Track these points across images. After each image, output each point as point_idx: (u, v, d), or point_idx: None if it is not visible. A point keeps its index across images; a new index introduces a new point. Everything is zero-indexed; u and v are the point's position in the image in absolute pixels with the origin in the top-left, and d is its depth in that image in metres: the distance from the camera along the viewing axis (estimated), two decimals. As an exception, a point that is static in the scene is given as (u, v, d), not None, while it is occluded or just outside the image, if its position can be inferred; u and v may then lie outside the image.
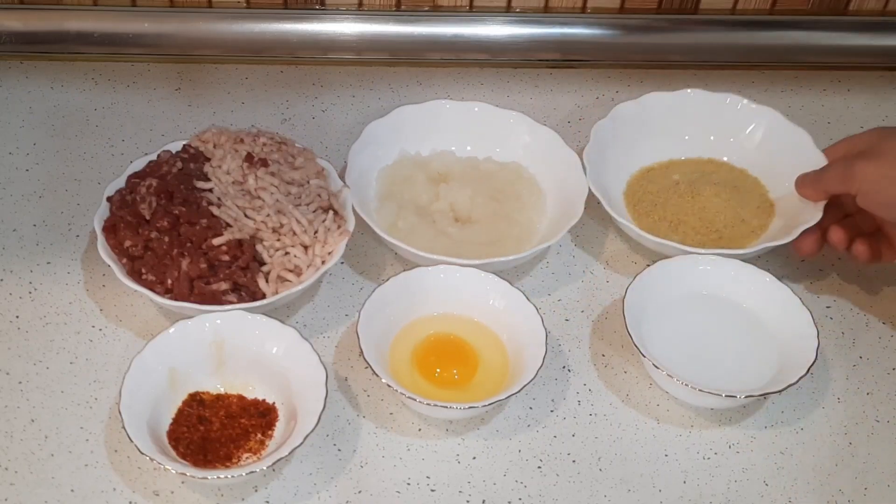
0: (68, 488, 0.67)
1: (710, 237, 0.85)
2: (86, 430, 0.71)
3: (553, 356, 0.77)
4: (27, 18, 0.97)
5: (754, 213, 0.87)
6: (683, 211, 0.87)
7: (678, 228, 0.86)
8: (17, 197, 0.86)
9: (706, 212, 0.87)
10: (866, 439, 0.74)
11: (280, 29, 0.99)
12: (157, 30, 0.98)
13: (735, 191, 0.89)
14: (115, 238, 0.76)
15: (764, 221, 0.86)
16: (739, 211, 0.87)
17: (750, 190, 0.89)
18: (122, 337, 0.76)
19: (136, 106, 0.96)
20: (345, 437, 0.71)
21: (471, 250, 0.80)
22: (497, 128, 0.90)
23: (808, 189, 0.83)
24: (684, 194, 0.88)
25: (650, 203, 0.88)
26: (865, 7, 1.03)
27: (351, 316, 0.79)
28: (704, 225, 0.86)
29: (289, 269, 0.76)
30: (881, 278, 0.85)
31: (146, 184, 0.78)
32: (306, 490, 0.68)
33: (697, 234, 0.85)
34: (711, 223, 0.86)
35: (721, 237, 0.85)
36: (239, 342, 0.71)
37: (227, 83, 0.99)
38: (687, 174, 0.91)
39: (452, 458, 0.71)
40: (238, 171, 0.80)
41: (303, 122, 0.96)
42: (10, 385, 0.73)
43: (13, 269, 0.80)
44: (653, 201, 0.88)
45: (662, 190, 0.89)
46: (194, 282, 0.74)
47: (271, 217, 0.77)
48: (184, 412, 0.70)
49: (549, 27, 1.01)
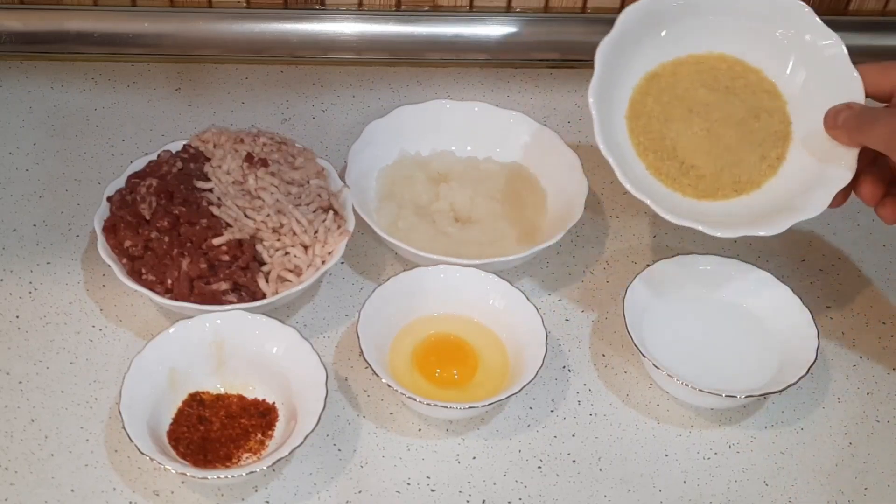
0: (68, 488, 0.67)
1: (724, 185, 0.75)
2: (86, 430, 0.71)
3: (553, 356, 0.77)
4: (27, 18, 0.97)
5: (771, 144, 0.76)
6: (694, 145, 0.76)
7: (689, 172, 0.75)
8: (17, 197, 0.86)
9: (718, 145, 0.76)
10: (866, 439, 0.74)
11: (280, 29, 0.99)
12: (157, 30, 0.98)
13: (751, 114, 0.77)
14: (115, 238, 0.76)
15: (780, 151, 0.76)
16: (754, 145, 0.76)
17: (768, 110, 0.77)
18: (122, 337, 0.76)
19: (136, 106, 0.96)
20: (345, 437, 0.71)
21: (471, 250, 0.80)
22: (497, 128, 0.90)
23: (842, 134, 0.70)
24: (695, 121, 0.77)
25: (657, 134, 0.76)
26: (865, 7, 1.03)
27: (351, 316, 0.79)
28: (717, 166, 0.76)
29: (289, 269, 0.76)
30: (881, 278, 0.85)
31: (146, 184, 0.78)
32: (306, 490, 0.68)
33: (711, 185, 0.75)
34: (724, 164, 0.76)
35: (737, 182, 0.75)
36: (239, 342, 0.71)
37: (227, 83, 0.99)
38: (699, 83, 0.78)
39: (452, 458, 0.71)
40: (238, 171, 0.80)
41: (303, 122, 0.96)
42: (10, 385, 0.73)
43: (13, 269, 0.80)
44: (660, 132, 0.76)
45: (670, 109, 0.77)
46: (194, 282, 0.74)
47: (271, 217, 0.77)
48: (184, 412, 0.70)
49: (549, 27, 1.01)
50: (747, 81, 0.78)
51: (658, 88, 0.77)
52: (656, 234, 0.88)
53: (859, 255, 0.87)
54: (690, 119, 0.76)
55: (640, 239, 0.87)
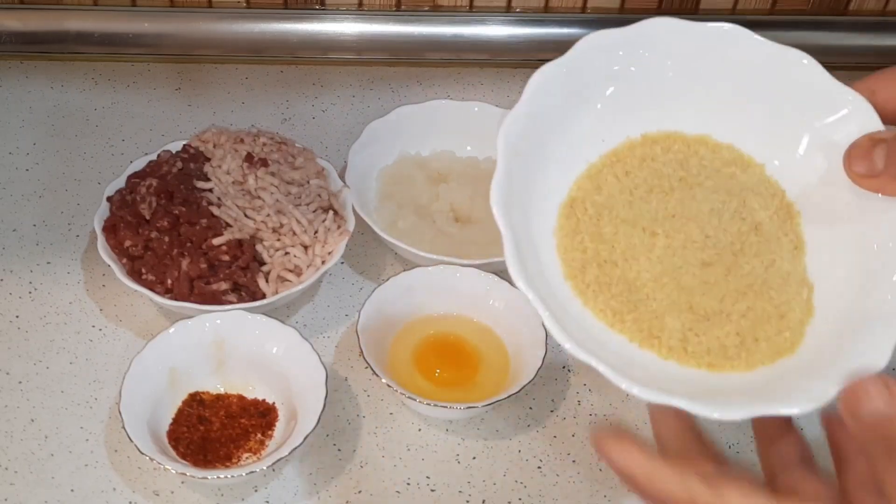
0: (68, 488, 0.67)
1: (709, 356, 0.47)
2: (86, 430, 0.71)
3: (553, 356, 0.77)
4: (27, 18, 0.97)
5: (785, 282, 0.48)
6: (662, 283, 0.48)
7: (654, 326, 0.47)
8: (17, 197, 0.86)
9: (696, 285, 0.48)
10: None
11: (280, 29, 0.99)
12: (157, 30, 0.98)
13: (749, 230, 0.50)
14: (115, 238, 0.76)
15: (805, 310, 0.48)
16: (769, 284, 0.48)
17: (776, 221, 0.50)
18: (122, 337, 0.76)
19: (136, 106, 0.96)
20: (345, 437, 0.71)
21: (471, 250, 0.80)
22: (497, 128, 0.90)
23: (889, 180, 0.46)
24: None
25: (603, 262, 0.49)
26: (865, 7, 1.03)
27: (351, 316, 0.79)
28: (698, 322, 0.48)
29: (289, 269, 0.76)
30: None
31: (146, 184, 0.78)
32: (306, 490, 0.68)
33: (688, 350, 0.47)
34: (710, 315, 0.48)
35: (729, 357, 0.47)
36: (239, 342, 0.71)
37: (227, 83, 0.99)
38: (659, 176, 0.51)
39: (452, 458, 0.71)
40: (238, 171, 0.80)
41: (303, 122, 0.96)
42: (10, 385, 0.73)
43: (13, 269, 0.80)
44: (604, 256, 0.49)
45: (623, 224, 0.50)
46: (194, 282, 0.74)
47: (271, 217, 0.77)
48: (184, 412, 0.70)
49: (549, 27, 1.01)
50: (737, 177, 0.51)
51: (602, 189, 0.51)
52: (656, 234, 0.88)
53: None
54: (651, 240, 0.49)
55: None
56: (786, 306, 0.47)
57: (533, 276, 0.45)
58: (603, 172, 0.51)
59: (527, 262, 0.45)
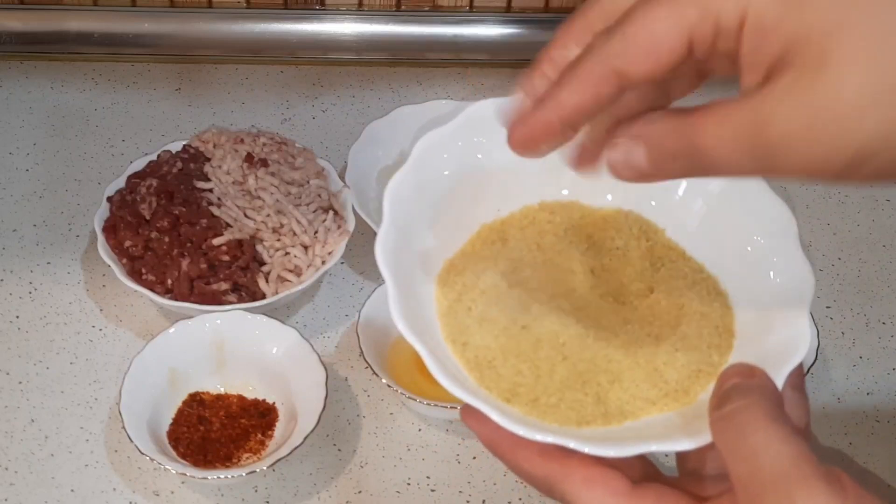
0: (68, 488, 0.67)
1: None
2: (86, 430, 0.70)
3: (553, 356, 0.77)
4: (27, 18, 0.97)
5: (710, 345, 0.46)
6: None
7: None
8: (17, 197, 0.86)
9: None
10: (866, 439, 0.74)
11: (280, 29, 0.99)
12: (157, 30, 0.98)
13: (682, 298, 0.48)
14: (115, 238, 0.76)
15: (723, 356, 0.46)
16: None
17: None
18: (122, 337, 0.76)
19: (136, 106, 0.96)
20: (345, 437, 0.71)
21: (471, 250, 0.80)
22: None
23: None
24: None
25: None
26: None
27: (351, 316, 0.79)
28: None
29: (289, 269, 0.76)
30: (881, 278, 0.85)
31: (146, 184, 0.78)
32: (306, 490, 0.68)
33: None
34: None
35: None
36: (239, 342, 0.71)
37: (227, 83, 0.99)
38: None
39: (452, 458, 0.71)
40: (238, 171, 0.80)
41: (303, 122, 0.96)
42: (10, 385, 0.73)
43: (13, 269, 0.80)
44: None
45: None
46: (194, 282, 0.74)
47: (271, 217, 0.77)
48: (184, 412, 0.70)
49: (549, 27, 1.01)
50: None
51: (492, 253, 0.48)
52: (656, 234, 0.88)
53: (859, 255, 0.87)
54: (554, 304, 0.46)
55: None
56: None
57: (416, 322, 0.43)
58: (495, 231, 0.49)
59: (411, 311, 0.43)
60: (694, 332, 0.46)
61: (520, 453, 0.42)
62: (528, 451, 0.42)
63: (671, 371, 0.45)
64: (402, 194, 0.45)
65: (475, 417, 0.42)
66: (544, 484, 0.42)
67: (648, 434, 0.42)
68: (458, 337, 0.45)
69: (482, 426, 0.42)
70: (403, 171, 0.46)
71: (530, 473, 0.42)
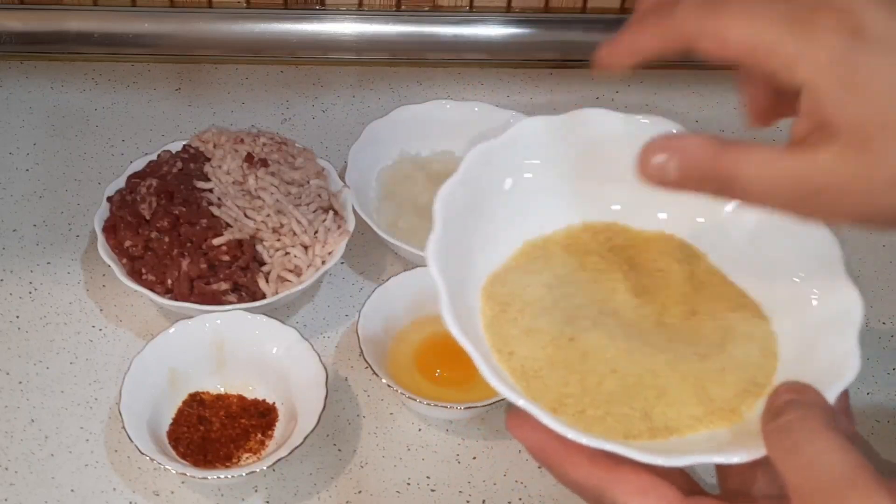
0: (68, 488, 0.67)
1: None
2: (86, 430, 0.71)
3: (553, 356, 0.77)
4: (27, 18, 0.97)
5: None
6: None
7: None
8: (17, 197, 0.86)
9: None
10: (866, 439, 0.74)
11: (280, 29, 0.99)
12: (157, 30, 0.98)
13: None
14: (115, 238, 0.76)
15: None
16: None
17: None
18: (122, 337, 0.76)
19: (136, 106, 0.96)
20: (345, 437, 0.71)
21: (471, 250, 0.80)
22: (497, 128, 0.90)
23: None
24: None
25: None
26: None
27: (351, 316, 0.79)
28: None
29: (289, 269, 0.76)
30: (881, 278, 0.85)
31: (146, 184, 0.78)
32: (306, 490, 0.68)
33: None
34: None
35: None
36: (239, 342, 0.71)
37: (227, 83, 0.99)
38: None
39: (452, 458, 0.71)
40: (238, 171, 0.80)
41: (303, 122, 0.96)
42: (10, 385, 0.73)
43: (13, 269, 0.80)
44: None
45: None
46: (194, 282, 0.74)
47: (271, 217, 0.77)
48: (184, 412, 0.70)
49: (549, 27, 1.01)
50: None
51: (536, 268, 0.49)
52: (656, 234, 0.88)
53: (859, 255, 0.87)
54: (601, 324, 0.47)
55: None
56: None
57: (467, 328, 0.44)
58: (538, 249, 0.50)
59: (461, 313, 0.44)
60: (740, 353, 0.46)
61: (569, 461, 0.42)
62: (579, 458, 0.42)
63: (718, 389, 0.45)
64: (453, 202, 0.46)
65: (524, 426, 0.42)
66: (594, 492, 0.42)
67: (697, 448, 0.42)
68: (503, 347, 0.45)
69: (532, 433, 0.43)
70: (454, 179, 0.47)
71: (580, 482, 0.42)
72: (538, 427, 0.41)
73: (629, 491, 0.41)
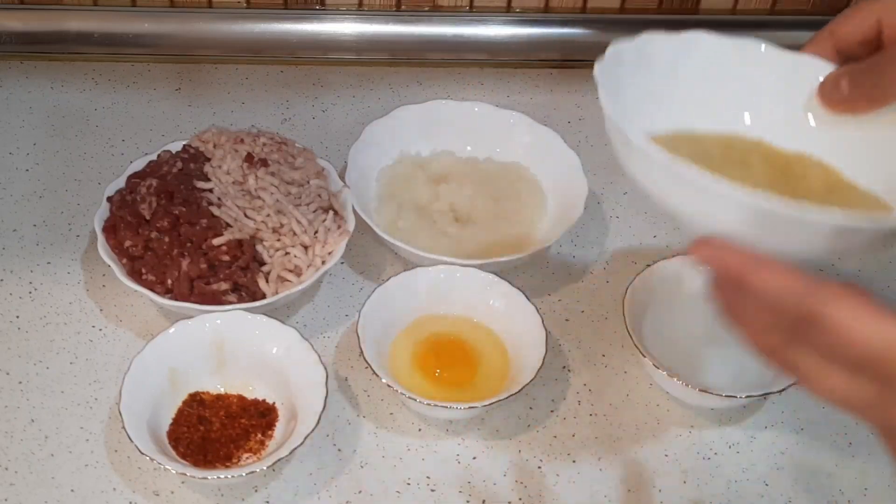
0: (68, 488, 0.67)
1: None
2: (86, 430, 0.71)
3: (553, 356, 0.77)
4: (27, 18, 0.97)
5: None
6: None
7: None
8: (17, 197, 0.86)
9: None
10: (866, 439, 0.74)
11: (280, 29, 0.99)
12: (157, 30, 0.98)
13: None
14: (115, 238, 0.76)
15: None
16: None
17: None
18: (122, 337, 0.76)
19: (136, 106, 0.96)
20: (345, 437, 0.71)
21: (471, 250, 0.80)
22: (497, 128, 0.90)
23: (844, 105, 0.54)
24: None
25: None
26: (865, 7, 1.03)
27: (351, 316, 0.79)
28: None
29: (289, 269, 0.76)
30: (881, 279, 0.85)
31: (146, 184, 0.78)
32: (306, 490, 0.68)
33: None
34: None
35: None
36: (239, 342, 0.71)
37: (227, 83, 0.99)
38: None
39: (452, 458, 0.71)
40: (238, 171, 0.80)
41: (303, 122, 0.96)
42: (10, 385, 0.73)
43: (13, 269, 0.80)
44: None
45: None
46: (194, 282, 0.74)
47: (271, 217, 0.77)
48: (184, 412, 0.70)
49: (549, 27, 1.01)
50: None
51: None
52: (656, 235, 0.88)
53: (859, 255, 0.87)
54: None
55: (640, 239, 0.87)
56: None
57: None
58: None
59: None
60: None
61: (765, 269, 0.44)
62: (774, 266, 0.44)
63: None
64: (623, 58, 0.54)
65: (713, 245, 0.45)
66: (792, 297, 0.44)
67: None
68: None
69: (723, 251, 0.45)
70: (628, 43, 0.54)
71: (776, 289, 0.44)
72: (726, 246, 0.44)
73: (830, 295, 0.43)
